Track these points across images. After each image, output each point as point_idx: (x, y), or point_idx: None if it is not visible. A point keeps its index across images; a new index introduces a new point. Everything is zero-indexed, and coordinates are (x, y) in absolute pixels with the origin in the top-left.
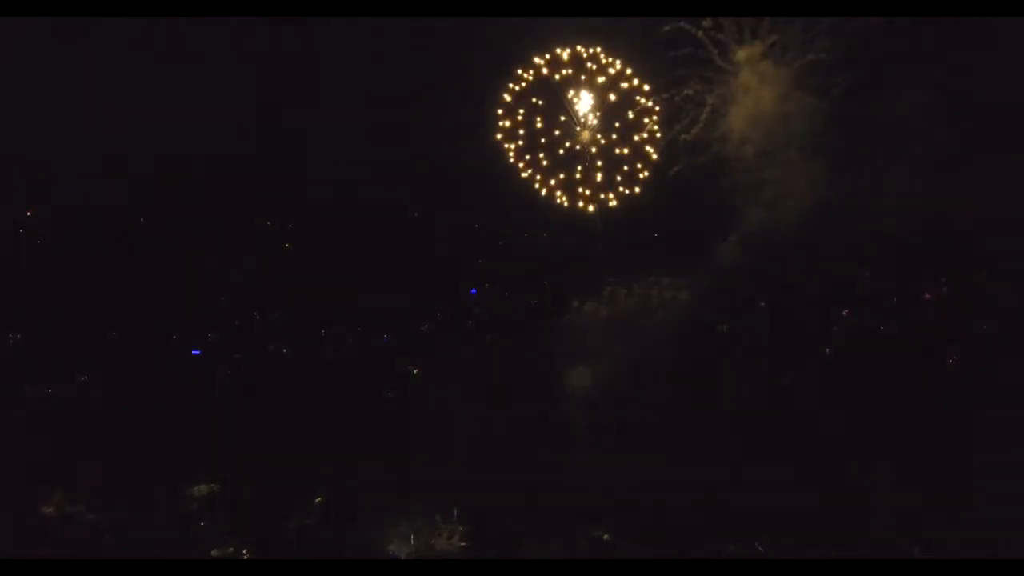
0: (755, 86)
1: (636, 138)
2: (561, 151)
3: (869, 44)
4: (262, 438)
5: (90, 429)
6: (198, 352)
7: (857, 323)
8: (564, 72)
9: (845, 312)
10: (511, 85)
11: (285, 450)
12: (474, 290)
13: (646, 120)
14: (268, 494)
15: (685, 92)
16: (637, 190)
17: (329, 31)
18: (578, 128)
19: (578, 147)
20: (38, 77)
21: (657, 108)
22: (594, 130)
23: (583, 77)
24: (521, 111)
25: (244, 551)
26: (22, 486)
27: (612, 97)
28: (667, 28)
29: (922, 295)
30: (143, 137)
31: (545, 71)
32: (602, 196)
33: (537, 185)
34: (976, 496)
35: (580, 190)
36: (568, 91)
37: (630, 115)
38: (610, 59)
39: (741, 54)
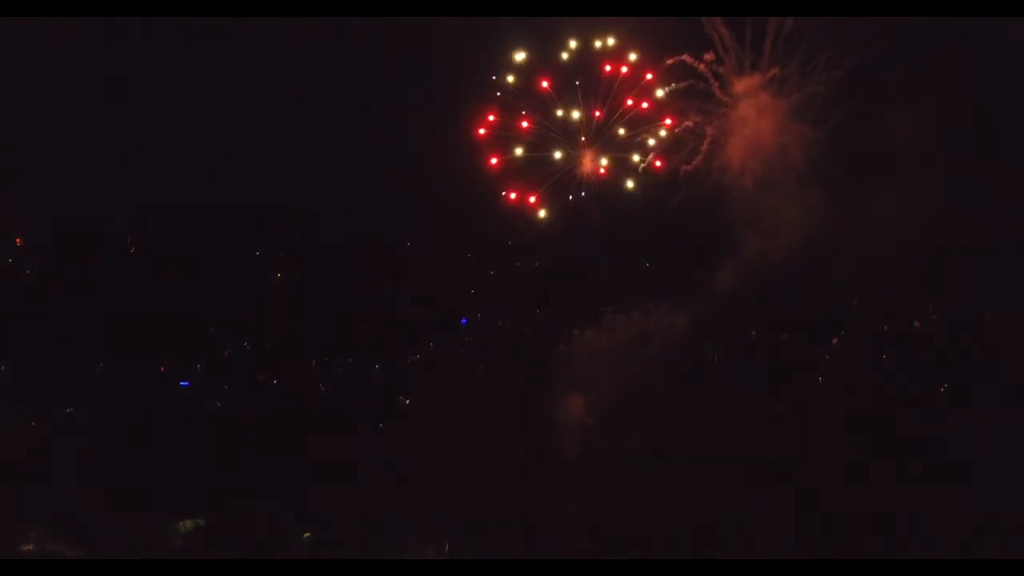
0: (754, 118)
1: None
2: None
3: (865, 77)
4: (250, 471)
5: (73, 462)
6: (186, 384)
7: (848, 352)
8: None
9: (834, 341)
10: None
11: (273, 483)
12: (464, 320)
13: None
14: (255, 529)
15: (685, 123)
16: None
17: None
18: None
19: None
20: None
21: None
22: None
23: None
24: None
25: None
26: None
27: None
28: (669, 61)
29: (912, 323)
30: (132, 164)
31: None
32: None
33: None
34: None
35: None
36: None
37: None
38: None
39: (740, 86)
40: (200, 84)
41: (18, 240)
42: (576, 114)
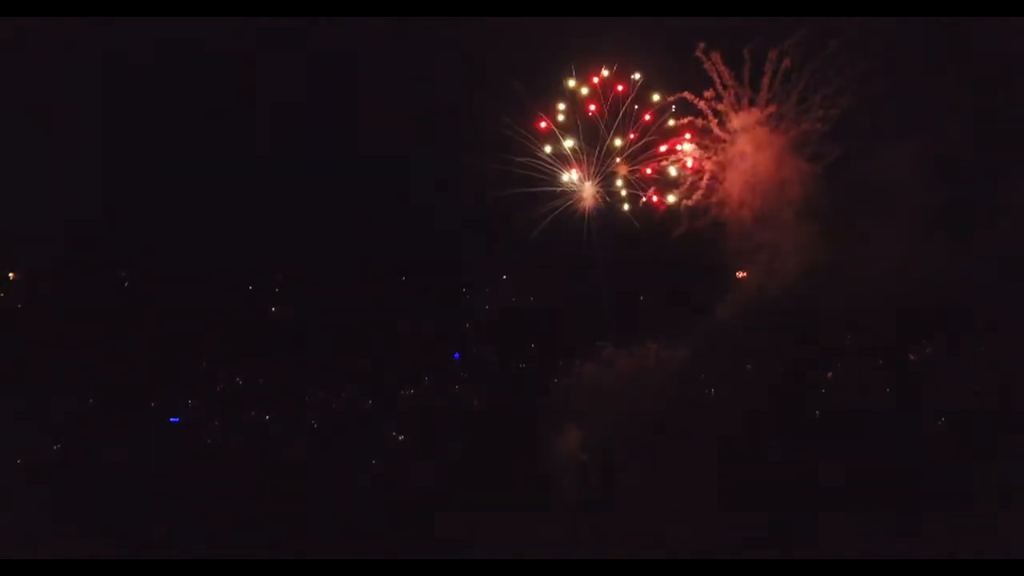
0: (752, 153)
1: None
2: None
3: (861, 115)
4: (240, 508)
5: (61, 498)
6: (176, 420)
7: (843, 385)
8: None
9: (829, 374)
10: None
11: (264, 521)
12: (457, 354)
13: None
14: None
15: (684, 159)
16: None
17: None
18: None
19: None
20: None
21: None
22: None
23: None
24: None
25: None
26: None
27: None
28: (671, 99)
29: (906, 356)
30: (118, 195)
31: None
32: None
33: None
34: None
35: None
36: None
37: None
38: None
39: (738, 122)
40: (194, 109)
41: (11, 274)
42: (569, 141)
